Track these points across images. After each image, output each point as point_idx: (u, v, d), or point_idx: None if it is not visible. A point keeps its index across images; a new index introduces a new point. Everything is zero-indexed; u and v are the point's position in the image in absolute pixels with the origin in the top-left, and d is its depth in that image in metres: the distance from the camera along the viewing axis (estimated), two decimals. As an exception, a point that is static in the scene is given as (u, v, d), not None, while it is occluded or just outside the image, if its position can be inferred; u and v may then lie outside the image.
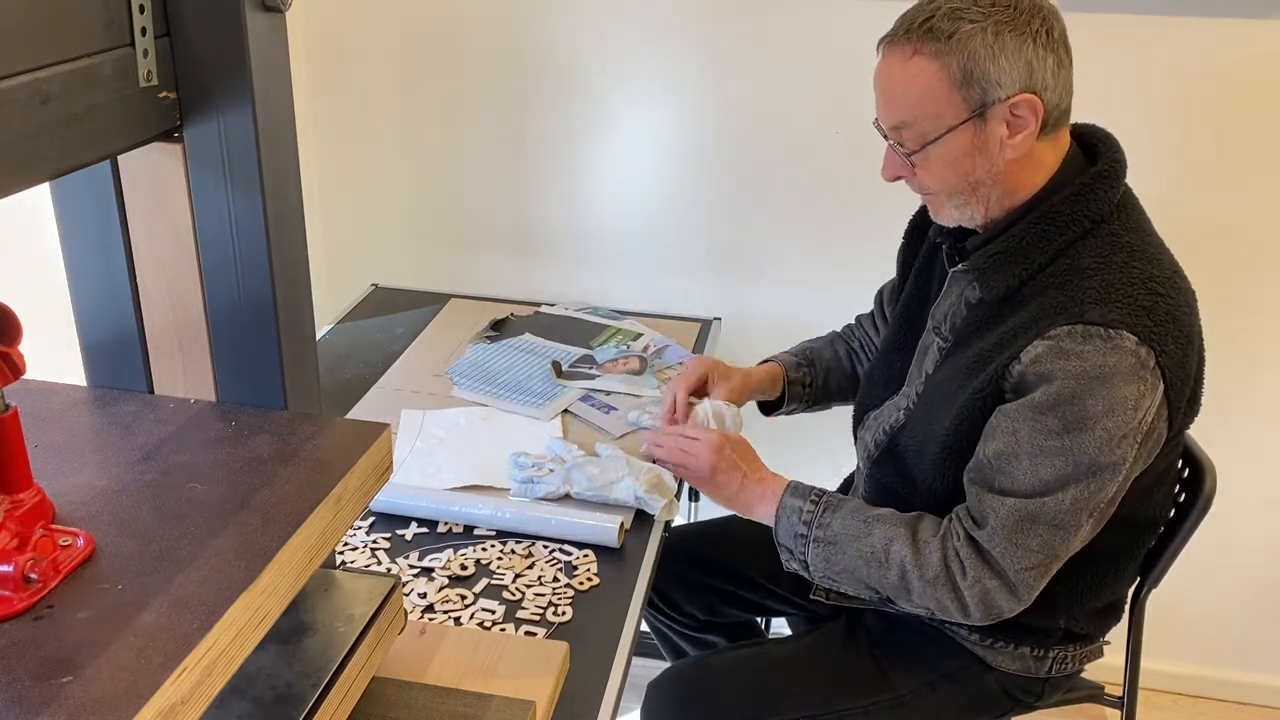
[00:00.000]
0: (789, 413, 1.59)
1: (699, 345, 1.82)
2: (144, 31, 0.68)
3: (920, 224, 1.41)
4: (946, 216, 1.22)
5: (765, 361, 1.59)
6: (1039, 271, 1.15)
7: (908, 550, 1.17)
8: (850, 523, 1.21)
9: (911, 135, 1.16)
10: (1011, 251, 1.16)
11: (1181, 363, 1.11)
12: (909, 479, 1.27)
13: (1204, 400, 1.21)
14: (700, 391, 1.50)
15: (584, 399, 1.58)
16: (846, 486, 1.56)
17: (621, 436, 1.49)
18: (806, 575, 1.25)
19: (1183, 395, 1.14)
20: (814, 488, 1.27)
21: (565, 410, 1.55)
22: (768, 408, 1.60)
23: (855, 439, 1.43)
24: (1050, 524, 1.11)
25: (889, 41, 1.15)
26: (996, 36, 1.08)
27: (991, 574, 1.14)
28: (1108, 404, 1.07)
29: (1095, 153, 1.19)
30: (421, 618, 1.13)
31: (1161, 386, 1.10)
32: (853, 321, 1.64)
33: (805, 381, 1.57)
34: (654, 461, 1.38)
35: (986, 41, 1.08)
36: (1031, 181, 1.17)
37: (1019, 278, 1.16)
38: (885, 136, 1.19)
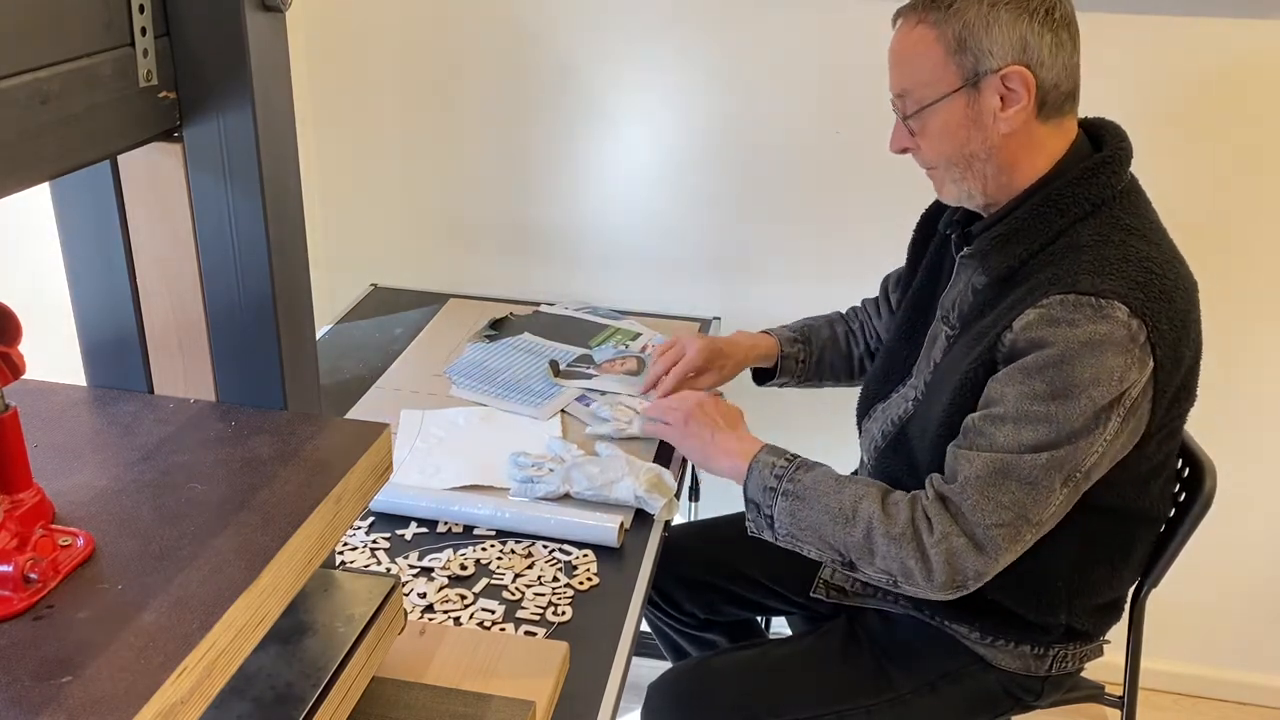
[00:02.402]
0: (780, 385, 1.62)
1: (699, 345, 1.82)
2: (144, 31, 0.68)
3: (932, 217, 1.42)
4: (947, 194, 1.25)
5: (763, 332, 1.60)
6: (1039, 251, 1.17)
7: (876, 507, 1.17)
8: (822, 481, 1.22)
9: (911, 102, 1.21)
10: (1013, 233, 1.18)
11: (1174, 345, 1.11)
12: (914, 469, 1.26)
13: (1205, 399, 1.21)
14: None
15: (580, 399, 1.58)
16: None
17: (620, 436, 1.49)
18: (770, 535, 1.25)
19: (1172, 379, 1.14)
20: (790, 451, 1.28)
21: (564, 410, 1.55)
22: (760, 376, 1.62)
23: (860, 432, 1.44)
24: (1023, 480, 1.11)
25: (901, 14, 1.21)
26: (992, 8, 1.13)
27: (959, 531, 1.13)
28: (1095, 373, 1.07)
29: (1102, 142, 1.20)
30: (421, 618, 1.13)
31: (1151, 364, 1.10)
32: (857, 304, 1.65)
33: (799, 357, 1.59)
34: (645, 426, 1.42)
35: (982, 12, 1.13)
36: (1032, 165, 1.19)
37: (1019, 257, 1.18)
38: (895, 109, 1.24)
